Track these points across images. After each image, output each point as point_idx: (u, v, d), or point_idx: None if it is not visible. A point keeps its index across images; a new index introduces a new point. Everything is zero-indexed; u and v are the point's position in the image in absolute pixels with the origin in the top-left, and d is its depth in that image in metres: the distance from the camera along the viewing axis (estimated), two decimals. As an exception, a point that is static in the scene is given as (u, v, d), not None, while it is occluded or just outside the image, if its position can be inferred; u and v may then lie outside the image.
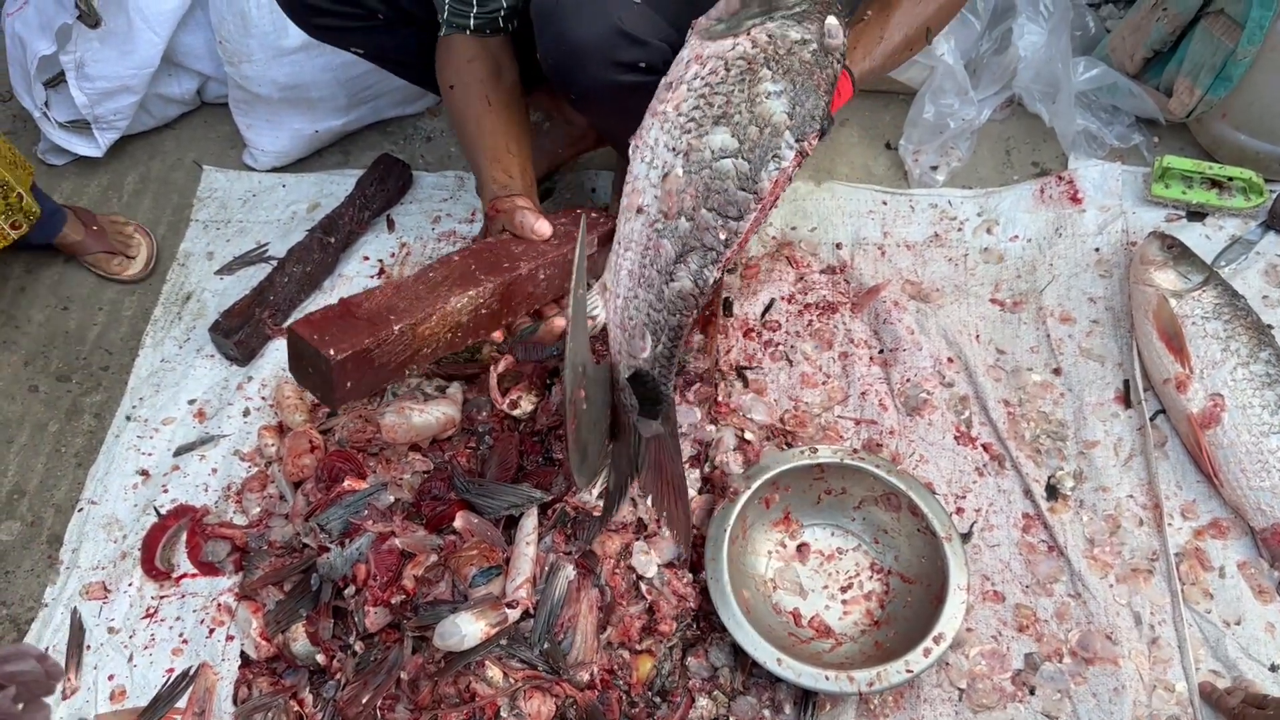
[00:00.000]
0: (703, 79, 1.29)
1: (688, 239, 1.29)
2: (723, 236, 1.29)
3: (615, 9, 1.46)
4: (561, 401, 1.80)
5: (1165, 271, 1.88)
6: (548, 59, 1.53)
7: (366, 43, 1.82)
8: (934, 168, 2.21)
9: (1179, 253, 1.90)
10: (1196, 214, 2.09)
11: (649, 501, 1.48)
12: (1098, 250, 2.06)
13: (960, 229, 2.13)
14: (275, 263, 2.11)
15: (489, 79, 1.66)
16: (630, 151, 1.35)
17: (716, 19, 1.36)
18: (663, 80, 1.36)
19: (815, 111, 1.28)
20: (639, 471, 1.47)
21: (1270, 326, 1.85)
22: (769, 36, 1.29)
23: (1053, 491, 1.78)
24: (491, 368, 1.84)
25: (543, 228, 1.56)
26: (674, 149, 1.29)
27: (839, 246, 2.11)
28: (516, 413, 1.82)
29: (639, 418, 1.44)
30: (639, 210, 1.33)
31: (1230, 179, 2.07)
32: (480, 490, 1.68)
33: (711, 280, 1.32)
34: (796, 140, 1.27)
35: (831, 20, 1.31)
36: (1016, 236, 2.11)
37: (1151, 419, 1.84)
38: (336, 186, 2.29)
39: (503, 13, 1.65)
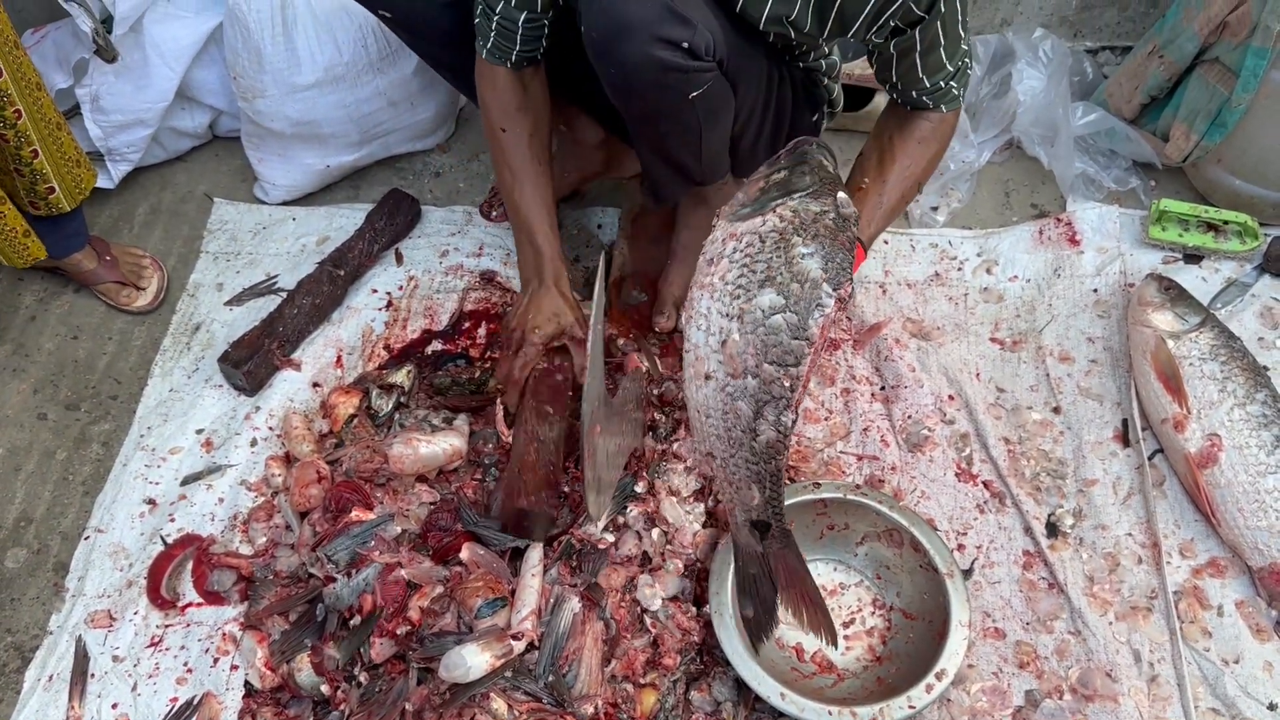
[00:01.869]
0: (742, 251, 1.44)
1: (758, 394, 1.41)
2: (787, 384, 1.40)
3: None
4: (570, 435, 1.82)
5: (1163, 313, 1.91)
6: (592, 31, 1.56)
7: (395, 4, 1.85)
8: (934, 208, 2.24)
9: (1176, 294, 1.93)
10: (1193, 256, 2.13)
11: (790, 614, 1.54)
12: (1096, 291, 2.09)
13: (960, 269, 2.17)
14: (284, 294, 2.14)
15: (536, 129, 1.83)
16: (684, 321, 1.49)
17: (741, 204, 1.51)
18: (702, 256, 1.50)
19: (844, 264, 1.43)
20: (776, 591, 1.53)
21: (1266, 368, 1.88)
22: (793, 211, 1.45)
23: (1053, 529, 1.80)
24: (498, 399, 1.86)
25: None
26: (727, 315, 1.42)
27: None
28: None
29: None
30: (707, 377, 1.45)
31: (1226, 222, 2.11)
32: (487, 521, 1.70)
33: (790, 423, 1.42)
34: (834, 289, 1.41)
35: (841, 194, 1.48)
36: (1016, 277, 2.14)
37: (1150, 458, 1.86)
38: (346, 220, 2.32)
39: (540, 50, 1.75)
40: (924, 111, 1.72)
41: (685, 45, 1.53)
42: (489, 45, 1.74)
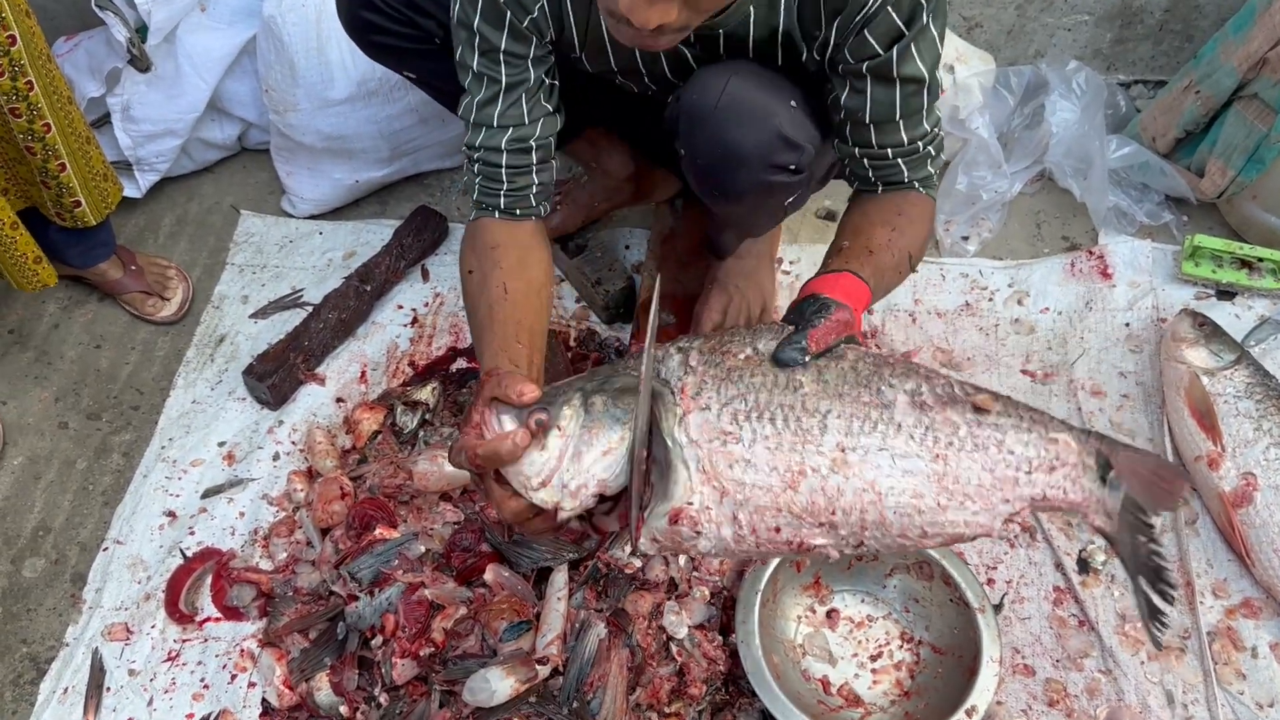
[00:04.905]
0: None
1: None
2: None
3: (776, 113, 1.45)
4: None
5: (1197, 349, 1.89)
6: (698, 160, 1.52)
7: (420, 67, 1.82)
8: (965, 238, 2.23)
9: (1210, 331, 1.91)
10: (1226, 293, 2.11)
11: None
12: (1128, 325, 2.07)
13: (991, 299, 2.15)
14: (310, 308, 2.13)
15: (512, 268, 1.50)
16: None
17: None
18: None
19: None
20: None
21: (1302, 407, 1.86)
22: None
23: (1084, 565, 1.78)
24: None
25: (527, 389, 1.21)
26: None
27: (870, 311, 2.12)
28: None
29: None
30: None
31: (1260, 260, 2.09)
32: (514, 542, 1.68)
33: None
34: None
35: None
36: (1047, 309, 2.12)
37: (1183, 496, 1.83)
38: (373, 235, 2.31)
39: (534, 190, 1.56)
40: (901, 191, 1.50)
41: (793, 166, 1.50)
42: (475, 195, 1.56)
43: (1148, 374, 2.00)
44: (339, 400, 2.04)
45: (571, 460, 1.19)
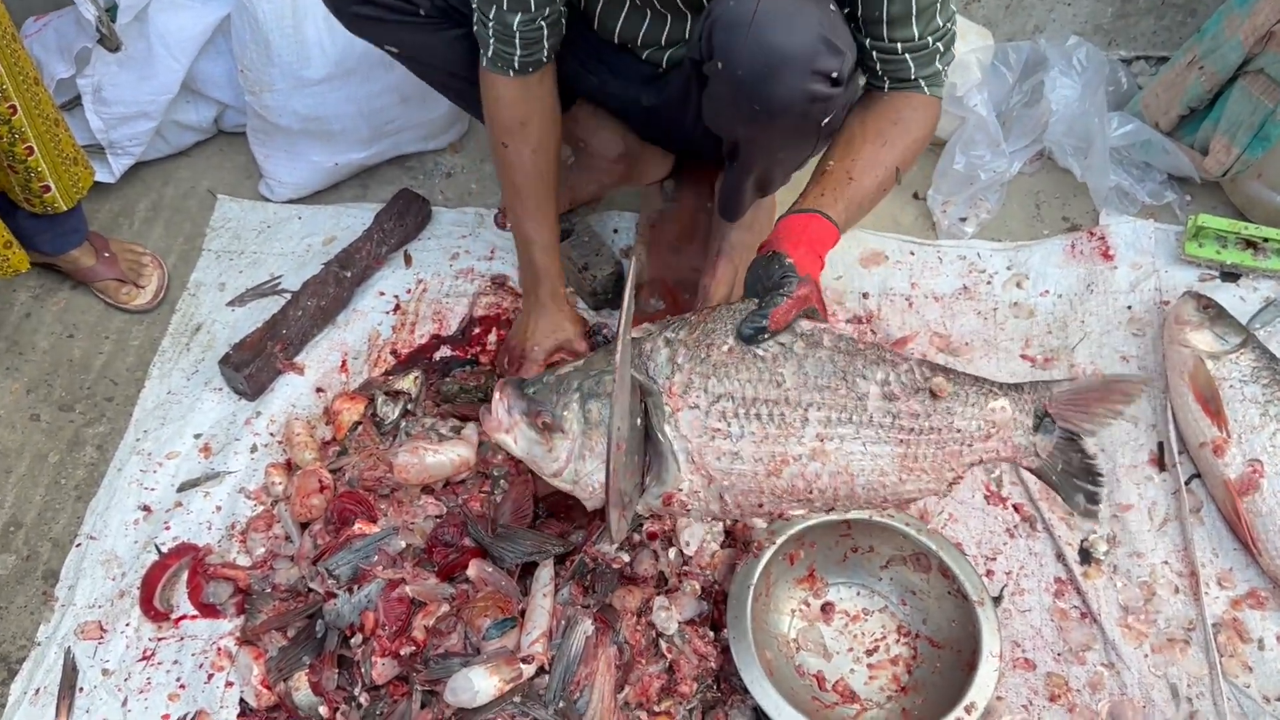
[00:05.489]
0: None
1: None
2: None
3: (819, 16, 1.42)
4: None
5: (1202, 332, 1.84)
6: (739, 70, 1.46)
7: (404, 40, 1.78)
8: (963, 219, 2.17)
9: (1215, 314, 1.86)
10: (1230, 274, 2.06)
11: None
12: (1130, 308, 2.03)
13: (989, 282, 2.10)
14: (289, 295, 2.07)
15: (542, 140, 1.76)
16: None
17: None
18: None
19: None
20: None
21: (1310, 392, 1.81)
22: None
23: (1086, 555, 1.73)
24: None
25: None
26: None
27: (865, 296, 2.08)
28: None
29: None
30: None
31: (1265, 240, 2.04)
32: (497, 536, 1.63)
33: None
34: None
35: None
36: (1047, 291, 2.07)
37: (1186, 483, 1.79)
38: (354, 220, 2.25)
39: (544, 51, 1.66)
40: (905, 93, 1.57)
41: (835, 75, 1.45)
42: (489, 54, 1.66)
43: (1150, 358, 1.95)
44: (318, 390, 1.98)
45: (578, 460, 1.41)
